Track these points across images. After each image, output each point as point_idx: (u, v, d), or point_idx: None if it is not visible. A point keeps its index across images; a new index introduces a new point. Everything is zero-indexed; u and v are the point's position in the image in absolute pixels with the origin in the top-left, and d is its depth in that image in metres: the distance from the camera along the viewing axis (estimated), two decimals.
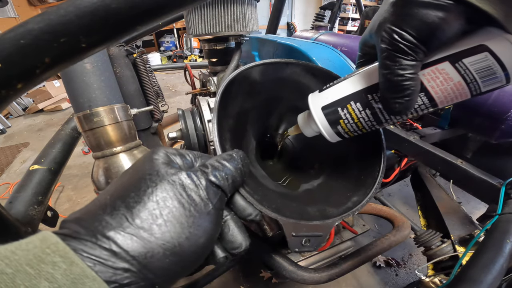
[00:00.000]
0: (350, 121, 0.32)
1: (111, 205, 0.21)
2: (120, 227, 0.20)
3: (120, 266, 0.18)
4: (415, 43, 0.25)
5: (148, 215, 0.21)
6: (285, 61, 0.42)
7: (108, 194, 0.22)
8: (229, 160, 0.27)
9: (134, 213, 0.20)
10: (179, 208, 0.22)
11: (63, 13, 0.19)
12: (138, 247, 0.19)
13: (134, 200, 0.21)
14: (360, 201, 0.36)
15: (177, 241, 0.21)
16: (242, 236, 0.27)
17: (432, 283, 0.61)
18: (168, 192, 0.22)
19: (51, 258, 0.16)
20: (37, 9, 3.89)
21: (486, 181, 0.64)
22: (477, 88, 0.27)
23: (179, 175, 0.23)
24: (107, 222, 0.20)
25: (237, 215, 0.28)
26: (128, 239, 0.19)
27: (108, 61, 0.61)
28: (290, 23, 3.17)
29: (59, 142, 0.71)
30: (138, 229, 0.20)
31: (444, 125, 0.85)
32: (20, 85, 0.20)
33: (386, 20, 0.26)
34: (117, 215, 0.20)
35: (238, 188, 0.28)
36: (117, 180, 0.24)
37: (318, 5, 5.34)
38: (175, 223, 0.21)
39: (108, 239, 0.19)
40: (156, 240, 0.20)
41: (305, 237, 0.36)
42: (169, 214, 0.21)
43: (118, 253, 0.19)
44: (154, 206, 0.21)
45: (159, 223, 0.21)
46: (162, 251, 0.20)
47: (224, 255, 0.27)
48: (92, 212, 0.21)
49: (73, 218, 0.21)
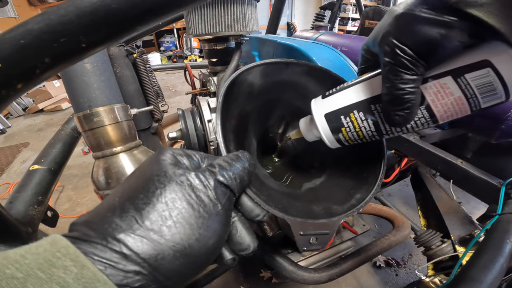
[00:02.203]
0: (351, 129, 0.32)
1: (120, 207, 0.21)
2: (130, 229, 0.19)
3: (131, 269, 0.18)
4: (416, 58, 0.25)
5: (158, 217, 0.20)
6: (286, 61, 0.42)
7: (116, 196, 0.22)
8: (236, 160, 0.27)
9: (143, 215, 0.20)
10: (188, 209, 0.22)
11: (63, 13, 0.19)
12: (149, 249, 0.19)
13: (143, 201, 0.21)
14: (364, 198, 0.36)
15: (187, 243, 0.21)
16: (250, 238, 0.27)
17: (432, 283, 0.61)
18: (177, 193, 0.22)
19: (62, 262, 0.16)
20: (37, 9, 3.89)
21: (486, 181, 0.64)
22: (477, 104, 0.27)
23: (187, 176, 0.23)
24: (117, 224, 0.20)
25: (244, 216, 0.28)
26: (138, 242, 0.19)
27: (108, 61, 0.61)
28: (290, 23, 3.17)
29: (59, 142, 0.71)
30: (148, 231, 0.20)
31: (444, 125, 0.85)
32: (20, 85, 0.20)
33: (389, 33, 0.26)
34: (127, 217, 0.20)
35: (246, 188, 0.28)
36: (125, 182, 0.24)
37: (318, 5, 5.34)
38: (185, 225, 0.21)
39: (119, 241, 0.19)
40: (167, 242, 0.20)
41: (312, 236, 0.36)
42: (178, 215, 0.21)
43: (128, 256, 0.18)
44: (164, 207, 0.21)
45: (168, 224, 0.20)
46: (173, 253, 0.20)
47: (232, 256, 0.27)
48: (101, 215, 0.21)
49: (83, 221, 0.21)
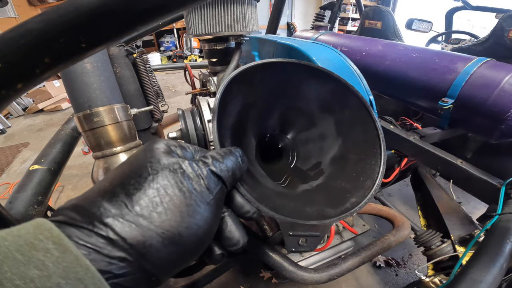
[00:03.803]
0: None
1: (110, 192, 0.20)
2: (119, 214, 0.19)
3: (116, 255, 0.18)
4: None
5: (148, 202, 0.20)
6: (285, 60, 0.42)
7: (107, 181, 0.22)
8: (228, 154, 0.27)
9: (134, 200, 0.20)
10: (180, 196, 0.21)
11: (63, 13, 0.19)
12: (137, 235, 0.19)
13: (134, 187, 0.20)
14: (359, 202, 0.36)
15: (176, 230, 0.20)
16: (240, 233, 0.27)
17: (432, 283, 0.61)
18: (169, 180, 0.21)
19: (44, 244, 0.16)
20: (37, 9, 3.89)
21: (486, 181, 0.64)
22: None
23: (180, 164, 0.23)
24: (105, 208, 0.19)
25: (234, 212, 0.28)
26: (126, 227, 0.18)
27: (108, 61, 0.61)
28: (290, 23, 3.16)
29: (59, 142, 0.71)
30: (137, 217, 0.19)
31: (444, 125, 0.85)
32: (20, 85, 0.20)
33: None
34: (116, 201, 0.19)
35: (237, 182, 0.28)
36: (117, 168, 0.23)
37: (318, 5, 5.34)
38: (176, 212, 0.20)
39: (106, 226, 0.18)
40: (156, 229, 0.19)
41: (302, 237, 0.36)
42: (169, 202, 0.20)
43: (115, 241, 0.18)
44: (155, 193, 0.20)
45: (159, 211, 0.20)
46: (161, 240, 0.19)
47: (220, 252, 0.26)
48: (90, 199, 0.20)
49: (70, 205, 0.20)
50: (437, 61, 0.85)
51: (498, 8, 1.88)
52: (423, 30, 2.02)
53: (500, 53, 1.16)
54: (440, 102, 0.78)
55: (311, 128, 0.48)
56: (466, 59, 0.80)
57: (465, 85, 0.75)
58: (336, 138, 0.46)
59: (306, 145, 0.50)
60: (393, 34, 1.55)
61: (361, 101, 0.43)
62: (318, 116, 0.47)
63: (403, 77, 0.93)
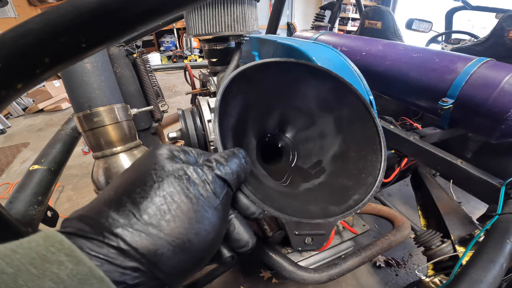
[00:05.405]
0: None
1: (116, 201, 0.20)
2: (127, 223, 0.19)
3: (129, 265, 0.18)
4: None
5: (156, 211, 0.20)
6: (285, 60, 0.42)
7: (112, 190, 0.21)
8: (232, 156, 0.26)
9: (141, 209, 0.19)
10: (187, 202, 0.21)
11: (63, 13, 0.19)
12: (147, 244, 0.18)
13: (141, 195, 0.20)
14: (362, 199, 0.36)
15: (186, 237, 0.20)
16: (249, 234, 0.27)
17: (432, 283, 0.61)
18: (175, 187, 0.21)
19: (56, 257, 0.15)
20: (37, 9, 3.88)
21: (486, 181, 0.64)
22: None
23: (185, 170, 0.22)
24: (113, 218, 0.19)
25: (240, 214, 0.28)
26: (136, 236, 0.18)
27: (108, 61, 0.61)
28: (290, 23, 3.17)
29: (59, 142, 0.71)
30: (146, 226, 0.19)
31: (444, 125, 0.85)
32: (20, 85, 0.20)
33: None
34: (124, 211, 0.19)
35: (242, 184, 0.28)
36: (120, 176, 0.23)
37: (318, 5, 5.34)
38: (184, 219, 0.20)
39: (116, 236, 0.18)
40: (166, 237, 0.19)
41: (308, 236, 0.36)
42: (177, 209, 0.20)
43: (126, 251, 0.18)
44: (162, 201, 0.20)
45: (167, 218, 0.20)
46: (172, 248, 0.19)
47: (230, 254, 0.26)
48: (96, 209, 0.20)
49: (77, 216, 0.20)
50: (437, 61, 0.85)
51: (498, 8, 1.88)
52: (423, 30, 2.02)
53: (500, 53, 1.16)
54: (440, 102, 0.78)
55: (311, 127, 0.49)
56: (466, 59, 0.80)
57: (465, 85, 0.75)
58: (336, 136, 0.46)
59: (306, 144, 0.50)
60: (393, 34, 1.55)
61: (359, 99, 0.43)
62: (317, 115, 0.47)
63: (403, 77, 0.93)
